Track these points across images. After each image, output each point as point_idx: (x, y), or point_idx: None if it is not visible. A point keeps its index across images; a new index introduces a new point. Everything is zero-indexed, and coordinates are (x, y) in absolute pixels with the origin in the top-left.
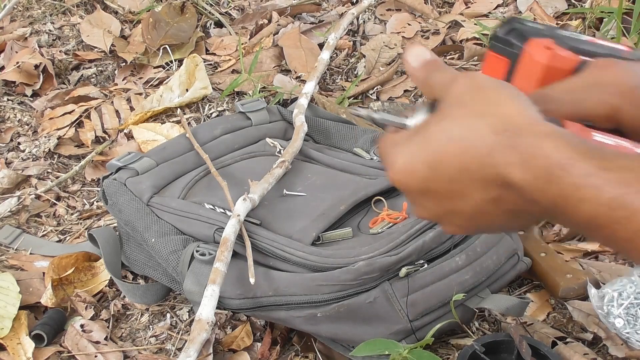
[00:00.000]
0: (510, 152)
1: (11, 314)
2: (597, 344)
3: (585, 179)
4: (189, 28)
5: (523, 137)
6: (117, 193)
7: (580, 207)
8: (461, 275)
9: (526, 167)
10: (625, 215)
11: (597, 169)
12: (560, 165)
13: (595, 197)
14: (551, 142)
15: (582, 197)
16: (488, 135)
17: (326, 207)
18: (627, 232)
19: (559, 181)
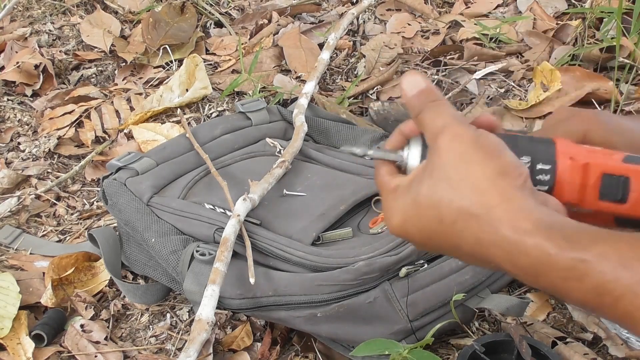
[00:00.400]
0: (495, 248)
1: (11, 314)
2: (597, 344)
3: (568, 272)
4: (189, 28)
5: (503, 232)
6: (117, 193)
7: (571, 295)
8: (461, 275)
9: (512, 263)
10: (611, 302)
11: (578, 261)
12: (542, 263)
13: (579, 288)
14: (531, 240)
15: (570, 287)
16: (473, 226)
17: (326, 207)
18: (617, 313)
19: (545, 276)
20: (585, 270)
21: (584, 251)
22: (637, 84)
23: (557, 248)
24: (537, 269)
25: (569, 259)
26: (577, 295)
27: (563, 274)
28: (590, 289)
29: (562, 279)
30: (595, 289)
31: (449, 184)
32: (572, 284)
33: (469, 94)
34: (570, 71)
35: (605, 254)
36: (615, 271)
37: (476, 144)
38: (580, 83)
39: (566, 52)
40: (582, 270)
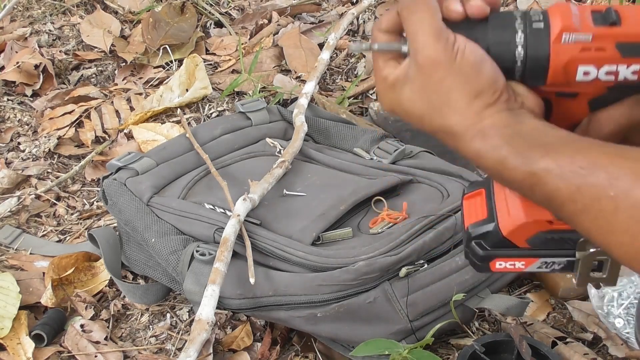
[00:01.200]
0: (468, 157)
1: (11, 314)
2: (597, 344)
3: (522, 183)
4: (189, 28)
5: (475, 147)
6: (117, 193)
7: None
8: (461, 275)
9: (481, 168)
10: (557, 206)
11: (528, 174)
12: (502, 171)
13: (532, 196)
14: (495, 154)
15: (526, 194)
16: (451, 140)
17: (326, 207)
18: (563, 215)
19: (506, 181)
20: (535, 182)
21: (535, 164)
22: None
23: (514, 162)
24: (500, 174)
25: (523, 172)
26: (534, 200)
27: (518, 185)
28: (541, 198)
29: (518, 189)
30: (545, 197)
31: (430, 104)
32: (527, 192)
33: None
34: None
35: (550, 167)
36: (557, 180)
37: (452, 68)
38: None
39: None
40: (533, 182)
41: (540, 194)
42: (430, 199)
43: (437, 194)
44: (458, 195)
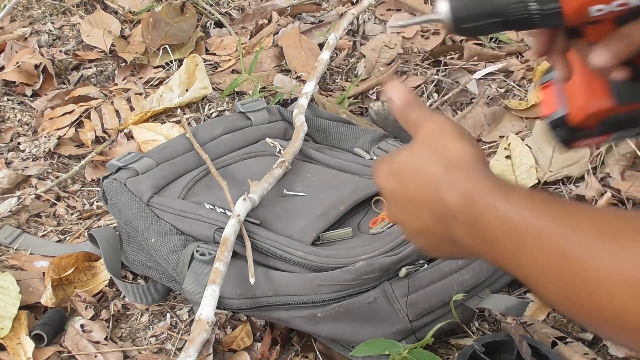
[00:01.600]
0: (452, 187)
1: (11, 314)
2: (597, 344)
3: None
4: (189, 28)
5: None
6: (117, 193)
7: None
8: (461, 275)
9: (458, 200)
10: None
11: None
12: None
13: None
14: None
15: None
16: (439, 171)
17: (326, 207)
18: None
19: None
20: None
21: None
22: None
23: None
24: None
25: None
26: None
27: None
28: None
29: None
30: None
31: (424, 147)
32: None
33: (469, 94)
34: None
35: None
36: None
37: (456, 131)
38: None
39: None
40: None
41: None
42: None
43: None
44: None
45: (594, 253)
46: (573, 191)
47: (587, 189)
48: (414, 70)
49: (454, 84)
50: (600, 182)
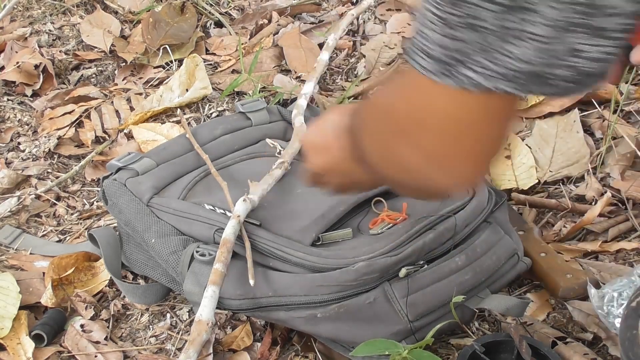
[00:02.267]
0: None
1: (11, 314)
2: (597, 344)
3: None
4: (189, 28)
5: None
6: (117, 193)
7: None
8: (461, 275)
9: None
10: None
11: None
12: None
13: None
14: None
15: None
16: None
17: (326, 208)
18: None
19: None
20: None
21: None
22: (637, 84)
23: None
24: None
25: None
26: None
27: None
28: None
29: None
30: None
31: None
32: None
33: None
34: None
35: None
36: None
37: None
38: None
39: None
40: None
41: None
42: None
43: None
44: (458, 196)
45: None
46: (573, 191)
47: (587, 189)
48: None
49: None
50: (600, 182)
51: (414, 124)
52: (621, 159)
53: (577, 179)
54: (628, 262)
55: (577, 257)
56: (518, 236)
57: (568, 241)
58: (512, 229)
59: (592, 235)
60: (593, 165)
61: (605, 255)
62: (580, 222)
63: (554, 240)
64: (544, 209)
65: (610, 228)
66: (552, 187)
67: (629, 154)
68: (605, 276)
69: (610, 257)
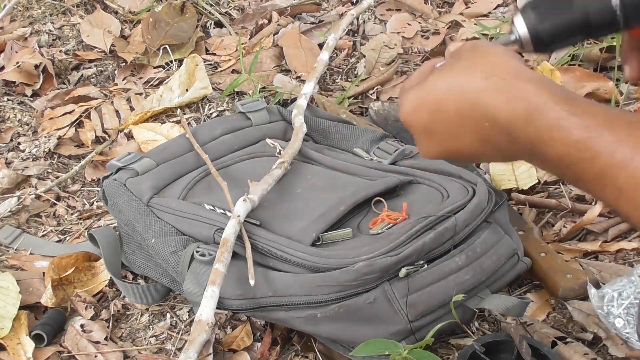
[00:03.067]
0: (497, 94)
1: (11, 314)
2: (597, 344)
3: (557, 122)
4: (189, 28)
5: (508, 80)
6: (117, 193)
7: (553, 146)
8: (461, 275)
9: (510, 107)
10: (589, 157)
11: (568, 113)
12: (538, 108)
13: (564, 138)
14: (532, 87)
15: (554, 137)
16: (479, 81)
17: (326, 208)
18: (591, 171)
19: (535, 122)
20: (574, 122)
21: (576, 107)
22: (637, 84)
23: (553, 98)
24: (530, 114)
25: (560, 109)
26: (558, 146)
27: (552, 122)
28: (573, 142)
29: (548, 128)
30: (577, 142)
31: (459, 59)
32: (558, 133)
33: None
34: (571, 71)
35: (592, 112)
36: (600, 129)
37: (486, 42)
38: (580, 83)
39: (566, 52)
40: (571, 122)
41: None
42: (430, 200)
43: (437, 195)
44: (458, 196)
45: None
46: (573, 191)
47: None
48: (414, 70)
49: None
50: None
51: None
52: None
53: None
54: (628, 262)
55: (577, 257)
56: (518, 236)
57: (568, 241)
58: (512, 229)
59: (592, 235)
60: None
61: (605, 255)
62: (580, 222)
63: (554, 240)
64: (544, 209)
65: (610, 228)
66: (552, 187)
67: None
68: (605, 276)
69: (610, 257)
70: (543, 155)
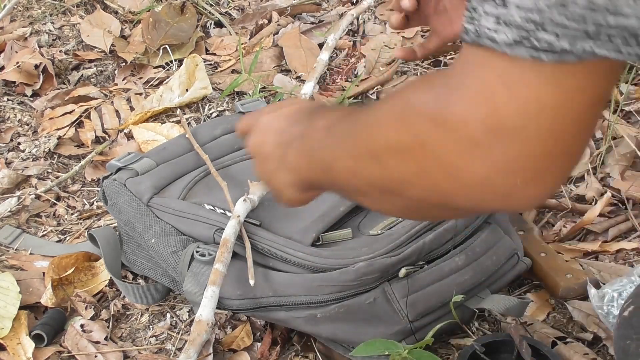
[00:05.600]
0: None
1: (11, 314)
2: (597, 344)
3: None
4: (189, 28)
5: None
6: (117, 193)
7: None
8: (461, 275)
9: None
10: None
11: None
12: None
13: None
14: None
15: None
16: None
17: (326, 208)
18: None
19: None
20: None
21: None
22: (637, 84)
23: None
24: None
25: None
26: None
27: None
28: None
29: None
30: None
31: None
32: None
33: None
34: None
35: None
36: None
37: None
38: None
39: None
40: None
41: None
42: None
43: None
44: None
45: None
46: (573, 191)
47: (587, 189)
48: (414, 70)
49: None
50: (600, 182)
51: (488, 132)
52: (621, 159)
53: (577, 179)
54: (628, 262)
55: (577, 257)
56: (518, 236)
57: (568, 241)
58: (512, 229)
59: (592, 235)
60: (593, 165)
61: (605, 255)
62: (580, 222)
63: (554, 240)
64: (544, 209)
65: (610, 228)
66: None
67: (629, 154)
68: (605, 276)
69: (610, 257)
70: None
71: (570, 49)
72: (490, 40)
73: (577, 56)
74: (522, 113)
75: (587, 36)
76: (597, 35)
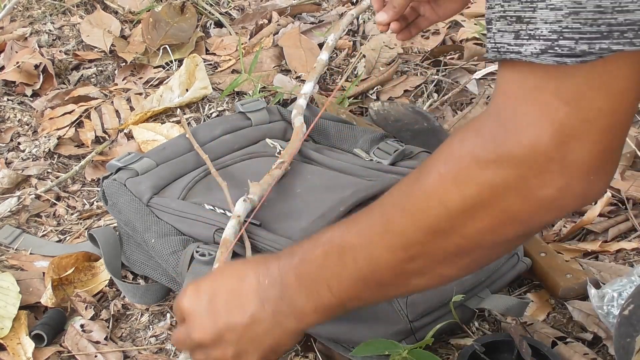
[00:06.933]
0: None
1: (11, 314)
2: (597, 344)
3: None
4: (189, 28)
5: None
6: (117, 193)
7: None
8: None
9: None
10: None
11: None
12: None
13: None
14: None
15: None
16: (239, 264)
17: (326, 209)
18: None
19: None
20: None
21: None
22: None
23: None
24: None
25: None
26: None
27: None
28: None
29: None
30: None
31: None
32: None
33: (469, 94)
34: None
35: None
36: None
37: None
38: None
39: None
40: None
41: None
42: None
43: None
44: None
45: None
46: None
47: None
48: (414, 70)
49: (454, 84)
50: None
51: (559, 146)
52: (621, 159)
53: None
54: (628, 262)
55: (577, 257)
56: None
57: (568, 241)
58: None
59: (592, 235)
60: None
61: (605, 255)
62: (580, 222)
63: (554, 240)
64: None
65: (610, 228)
66: None
67: (629, 154)
68: (605, 276)
69: (610, 257)
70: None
71: (589, 50)
72: (516, 54)
73: (597, 55)
74: (584, 120)
75: (602, 36)
76: (610, 34)
